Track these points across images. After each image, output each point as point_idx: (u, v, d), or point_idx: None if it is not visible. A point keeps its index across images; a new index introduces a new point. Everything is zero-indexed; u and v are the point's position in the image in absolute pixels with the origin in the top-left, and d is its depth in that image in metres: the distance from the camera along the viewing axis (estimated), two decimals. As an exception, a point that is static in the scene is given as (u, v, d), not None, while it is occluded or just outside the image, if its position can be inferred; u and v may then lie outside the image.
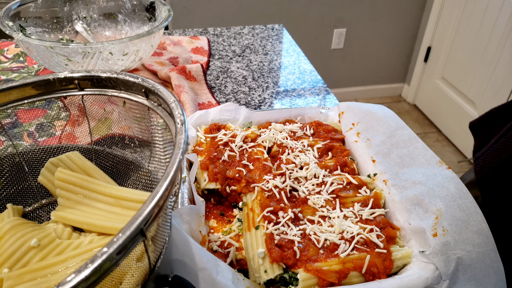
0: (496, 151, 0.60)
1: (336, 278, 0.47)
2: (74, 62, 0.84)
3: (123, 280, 0.31)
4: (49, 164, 0.52)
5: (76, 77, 0.51)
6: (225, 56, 1.14)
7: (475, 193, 0.58)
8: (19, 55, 1.09)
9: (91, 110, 0.56)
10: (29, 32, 0.94)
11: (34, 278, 0.39)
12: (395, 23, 2.52)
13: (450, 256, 0.48)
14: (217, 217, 0.61)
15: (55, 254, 0.44)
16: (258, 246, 0.51)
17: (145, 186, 0.54)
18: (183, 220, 0.52)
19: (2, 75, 0.99)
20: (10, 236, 0.44)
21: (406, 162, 0.62)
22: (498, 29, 1.94)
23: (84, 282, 0.25)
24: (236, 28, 1.31)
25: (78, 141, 0.60)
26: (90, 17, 1.06)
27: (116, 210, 0.48)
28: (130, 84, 0.49)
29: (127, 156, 0.56)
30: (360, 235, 0.52)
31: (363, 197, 0.59)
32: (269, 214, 0.54)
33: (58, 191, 0.50)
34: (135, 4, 1.05)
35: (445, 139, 2.42)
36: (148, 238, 0.32)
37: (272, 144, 0.69)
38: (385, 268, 0.49)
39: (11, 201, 0.53)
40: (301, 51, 1.18)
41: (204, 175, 0.63)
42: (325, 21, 2.41)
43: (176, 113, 0.41)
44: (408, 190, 0.57)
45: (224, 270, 0.47)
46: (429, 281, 0.47)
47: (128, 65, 0.91)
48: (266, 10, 2.29)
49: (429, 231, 0.51)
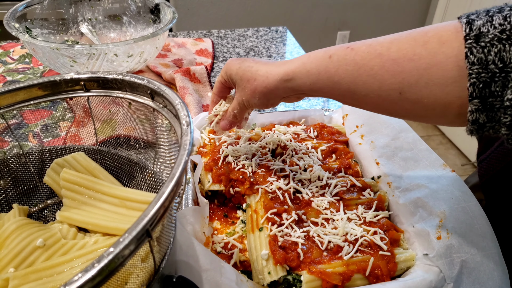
0: (500, 155, 0.60)
1: (339, 280, 0.47)
2: (79, 63, 0.85)
3: (129, 280, 0.32)
4: (54, 165, 0.53)
5: (82, 79, 0.51)
6: (229, 58, 1.14)
7: (479, 196, 0.58)
8: (25, 56, 1.10)
9: (97, 111, 0.56)
10: (35, 33, 0.94)
11: (40, 277, 0.39)
12: (399, 25, 2.52)
13: (454, 259, 0.48)
14: (221, 219, 0.61)
15: (61, 254, 0.44)
16: (261, 248, 0.51)
17: (150, 187, 0.54)
18: (187, 221, 0.52)
19: (8, 76, 1.00)
20: (16, 236, 0.44)
21: (410, 164, 0.62)
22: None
23: (90, 281, 0.25)
24: (240, 30, 1.31)
25: (83, 142, 0.60)
26: (95, 19, 1.06)
27: (121, 211, 0.48)
28: (135, 85, 0.49)
29: (132, 157, 0.56)
30: (364, 237, 0.52)
31: (367, 200, 0.59)
32: (273, 216, 0.54)
33: (64, 191, 0.50)
34: (140, 6, 1.06)
35: (448, 142, 2.42)
36: (154, 238, 0.32)
37: (276, 146, 0.69)
38: (388, 271, 0.49)
39: (17, 201, 0.54)
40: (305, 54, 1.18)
41: (208, 177, 0.63)
42: (329, 23, 2.41)
43: (181, 115, 0.41)
44: (412, 192, 0.57)
45: (228, 272, 0.47)
46: (433, 284, 0.47)
47: (132, 66, 0.92)
48: (270, 13, 2.29)
49: (433, 234, 0.51)
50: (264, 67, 0.53)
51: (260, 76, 0.52)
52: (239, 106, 0.58)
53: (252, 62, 0.55)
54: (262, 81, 0.52)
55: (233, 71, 0.56)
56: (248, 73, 0.53)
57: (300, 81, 0.49)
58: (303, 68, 0.48)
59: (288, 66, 0.50)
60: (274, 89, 0.52)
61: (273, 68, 0.52)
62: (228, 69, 0.57)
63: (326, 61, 0.46)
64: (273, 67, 0.52)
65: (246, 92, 0.55)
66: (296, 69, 0.49)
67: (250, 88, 0.54)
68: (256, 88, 0.53)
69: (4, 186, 0.53)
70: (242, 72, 0.54)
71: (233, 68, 0.56)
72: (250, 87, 0.53)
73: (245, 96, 0.55)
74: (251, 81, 0.53)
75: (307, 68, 0.48)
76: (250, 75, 0.53)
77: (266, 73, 0.52)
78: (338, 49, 0.46)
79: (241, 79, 0.55)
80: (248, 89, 0.54)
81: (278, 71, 0.51)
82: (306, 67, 0.48)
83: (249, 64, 0.54)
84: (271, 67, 0.52)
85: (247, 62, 0.55)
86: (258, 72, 0.52)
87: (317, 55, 0.48)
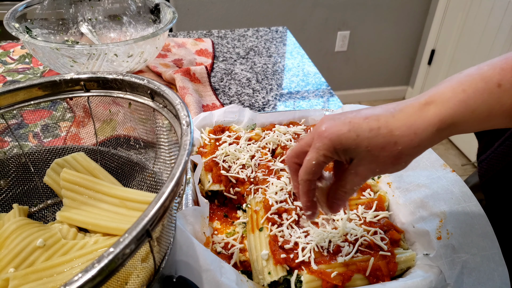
0: (501, 155, 0.60)
1: (339, 280, 0.47)
2: (79, 63, 0.85)
3: (129, 280, 0.32)
4: (54, 165, 0.53)
5: (82, 79, 0.51)
6: (229, 58, 1.14)
7: (479, 196, 0.58)
8: (25, 56, 1.10)
9: (97, 111, 0.56)
10: (35, 33, 0.94)
11: (40, 278, 0.39)
12: (399, 25, 2.52)
13: (454, 259, 0.48)
14: (221, 219, 0.61)
15: (61, 254, 0.44)
16: (262, 248, 0.51)
17: (150, 187, 0.54)
18: (187, 221, 0.52)
19: (8, 76, 1.00)
20: (16, 236, 0.44)
21: (410, 164, 0.61)
22: (503, 32, 1.93)
23: (90, 281, 0.25)
24: (240, 31, 1.31)
25: (83, 142, 0.60)
26: (95, 19, 1.06)
27: (121, 211, 0.48)
28: (135, 85, 0.49)
29: (132, 157, 0.56)
30: (364, 237, 0.52)
31: (367, 200, 0.59)
32: (273, 216, 0.54)
33: (64, 191, 0.50)
34: (140, 6, 1.06)
35: (448, 142, 2.42)
36: (154, 238, 0.32)
37: (276, 146, 0.69)
38: (389, 271, 0.49)
39: (17, 201, 0.54)
40: (305, 54, 1.18)
41: (208, 177, 0.63)
42: (329, 23, 2.41)
43: (181, 115, 0.41)
44: (412, 192, 0.57)
45: (228, 272, 0.47)
46: (433, 284, 0.47)
47: (132, 66, 0.92)
48: (270, 13, 2.29)
49: (433, 234, 0.51)
50: (394, 122, 0.40)
51: (402, 136, 0.40)
52: (356, 184, 0.44)
53: (363, 120, 0.41)
54: (410, 141, 0.39)
55: (349, 144, 0.41)
56: (378, 139, 0.40)
57: (466, 125, 0.39)
58: (465, 109, 0.38)
59: (437, 110, 0.39)
60: (428, 144, 0.40)
61: (413, 120, 0.40)
62: (338, 144, 0.41)
63: (496, 92, 0.38)
64: (409, 118, 0.40)
65: (381, 162, 0.41)
66: (454, 113, 0.39)
67: (389, 156, 0.41)
68: (402, 152, 0.40)
69: (4, 186, 0.53)
70: (366, 140, 0.40)
71: (346, 140, 0.41)
72: (389, 154, 0.40)
73: (378, 168, 0.42)
74: (389, 146, 0.40)
75: (471, 108, 0.38)
76: (383, 140, 0.40)
77: (407, 130, 0.40)
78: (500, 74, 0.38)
79: (368, 149, 0.41)
80: (384, 157, 0.41)
81: (426, 122, 0.39)
82: (469, 106, 0.38)
83: (362, 126, 0.41)
84: (407, 119, 0.40)
85: (356, 123, 0.41)
86: (394, 133, 0.40)
87: (477, 87, 0.38)
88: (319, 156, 0.42)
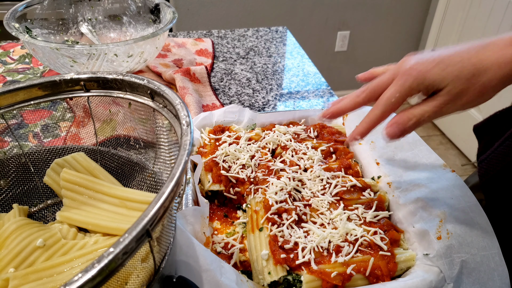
0: (501, 155, 0.60)
1: (339, 280, 0.47)
2: (79, 63, 0.85)
3: (129, 280, 0.32)
4: (54, 165, 0.53)
5: (82, 79, 0.51)
6: (229, 58, 1.14)
7: (479, 196, 0.58)
8: (25, 56, 1.10)
9: (96, 111, 0.56)
10: (35, 33, 0.94)
11: (40, 278, 0.39)
12: (398, 25, 2.52)
13: (454, 259, 0.48)
14: (221, 219, 0.61)
15: (61, 254, 0.44)
16: (261, 248, 0.51)
17: (150, 187, 0.54)
18: (187, 221, 0.52)
19: (8, 76, 1.00)
20: (16, 236, 0.44)
21: (410, 164, 0.62)
22: (503, 32, 1.93)
23: (90, 282, 0.25)
24: (240, 31, 1.31)
25: (83, 142, 0.60)
26: (95, 19, 1.06)
27: (121, 211, 0.48)
28: (135, 85, 0.49)
29: (132, 157, 0.56)
30: (364, 237, 0.52)
31: (367, 200, 0.59)
32: (273, 216, 0.54)
33: (64, 191, 0.50)
34: (140, 6, 1.06)
35: (448, 142, 2.42)
36: (154, 238, 0.32)
37: (276, 146, 0.69)
38: (389, 271, 0.49)
39: (17, 201, 0.54)
40: (305, 53, 1.18)
41: (208, 177, 0.63)
42: (329, 23, 2.41)
43: (181, 115, 0.41)
44: (412, 192, 0.57)
45: (228, 272, 0.47)
46: (433, 284, 0.47)
47: (132, 66, 0.92)
48: (270, 13, 2.29)
49: (433, 234, 0.51)
50: (485, 53, 0.43)
51: (489, 66, 0.42)
52: (436, 114, 0.45)
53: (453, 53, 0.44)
54: (497, 70, 0.42)
55: (434, 79, 0.44)
56: (468, 69, 0.43)
57: None
58: None
59: None
60: (508, 81, 0.43)
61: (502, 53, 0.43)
62: (423, 80, 0.44)
63: None
64: (499, 52, 0.43)
65: (469, 93, 0.43)
66: None
67: (476, 86, 0.43)
68: (490, 81, 0.42)
69: (4, 186, 0.53)
70: (455, 71, 0.43)
71: (433, 76, 0.44)
72: (476, 85, 0.43)
73: (466, 97, 0.44)
74: (476, 76, 0.42)
75: None
76: (471, 70, 0.43)
77: (496, 60, 0.42)
78: None
79: (456, 80, 0.43)
80: (472, 88, 0.43)
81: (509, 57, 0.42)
82: None
83: (452, 58, 0.44)
84: (497, 53, 0.43)
85: (445, 57, 0.44)
86: (482, 63, 0.42)
87: None
88: (403, 91, 0.45)
